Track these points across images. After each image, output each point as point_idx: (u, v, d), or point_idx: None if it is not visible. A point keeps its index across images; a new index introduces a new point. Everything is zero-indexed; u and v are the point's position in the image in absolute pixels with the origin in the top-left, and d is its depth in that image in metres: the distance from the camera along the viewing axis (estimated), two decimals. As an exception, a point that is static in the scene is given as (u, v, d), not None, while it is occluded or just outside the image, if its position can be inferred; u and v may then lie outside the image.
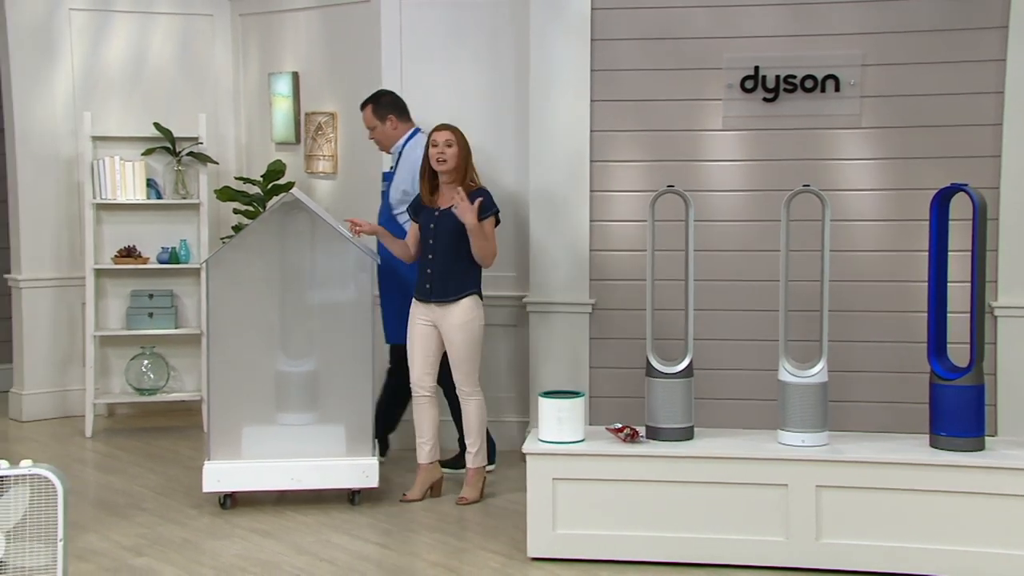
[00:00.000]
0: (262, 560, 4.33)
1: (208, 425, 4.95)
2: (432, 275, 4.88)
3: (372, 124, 5.42)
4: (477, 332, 4.91)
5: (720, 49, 5.35)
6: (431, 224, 4.88)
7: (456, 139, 4.87)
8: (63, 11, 6.48)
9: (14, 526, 3.61)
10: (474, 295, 4.91)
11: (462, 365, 4.90)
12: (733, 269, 5.41)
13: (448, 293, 4.86)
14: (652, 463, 4.22)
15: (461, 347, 4.87)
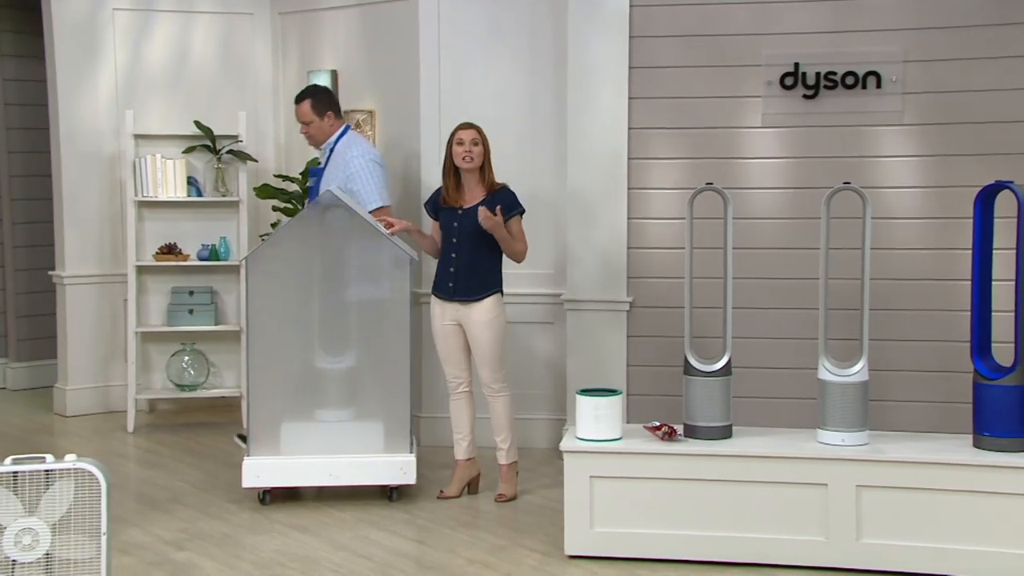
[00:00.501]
0: (301, 556, 4.36)
1: (247, 421, 4.99)
2: (456, 274, 4.90)
3: (309, 119, 5.41)
4: (502, 329, 4.94)
5: (760, 46, 5.31)
6: (454, 223, 4.89)
7: (480, 137, 4.88)
8: (107, 11, 6.55)
9: (59, 519, 3.66)
10: (498, 293, 4.93)
11: (490, 362, 4.91)
12: (772, 267, 5.37)
13: (473, 292, 4.88)
14: (690, 461, 4.20)
15: (487, 345, 4.89)
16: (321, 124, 5.42)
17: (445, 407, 5.22)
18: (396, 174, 6.11)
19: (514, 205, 4.90)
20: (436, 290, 4.99)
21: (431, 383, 5.87)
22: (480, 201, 4.87)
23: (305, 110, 5.42)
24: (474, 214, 4.83)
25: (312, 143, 5.52)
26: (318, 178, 5.44)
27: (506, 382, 4.99)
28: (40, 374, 7.30)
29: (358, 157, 5.30)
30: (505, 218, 4.84)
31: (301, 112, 5.43)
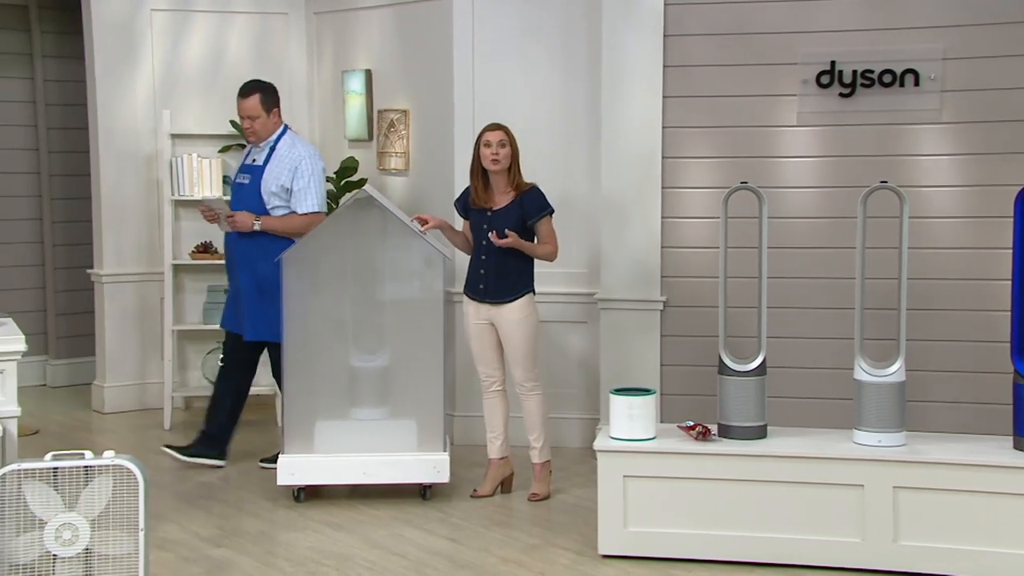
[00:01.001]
0: (335, 553, 4.38)
1: (282, 419, 5.02)
2: (486, 276, 4.89)
3: (256, 114, 5.30)
4: (534, 328, 4.92)
5: (795, 44, 5.27)
6: (483, 224, 4.88)
7: (508, 138, 4.87)
8: (145, 11, 6.61)
9: (98, 515, 3.70)
10: (529, 293, 4.92)
11: (523, 361, 4.90)
12: (808, 266, 5.34)
13: (504, 294, 4.87)
14: (724, 461, 4.18)
15: (520, 344, 4.88)
16: (267, 121, 5.33)
17: (479, 406, 5.22)
18: (429, 173, 6.12)
19: (543, 206, 4.88)
20: (468, 290, 4.99)
21: (464, 382, 5.88)
22: (510, 202, 4.87)
23: (254, 104, 5.29)
24: (503, 216, 4.83)
25: (254, 140, 5.37)
26: (258, 176, 5.32)
27: (539, 381, 4.98)
28: (79, 371, 7.38)
29: (308, 158, 5.31)
30: (531, 222, 4.83)
31: (249, 107, 5.30)
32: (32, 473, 3.68)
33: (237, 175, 5.51)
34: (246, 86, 5.39)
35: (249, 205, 5.33)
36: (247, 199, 5.36)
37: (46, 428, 6.34)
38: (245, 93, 5.35)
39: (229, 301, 5.56)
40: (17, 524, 3.66)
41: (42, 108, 7.33)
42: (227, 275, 5.59)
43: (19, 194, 7.34)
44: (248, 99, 5.32)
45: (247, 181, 5.38)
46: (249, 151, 5.48)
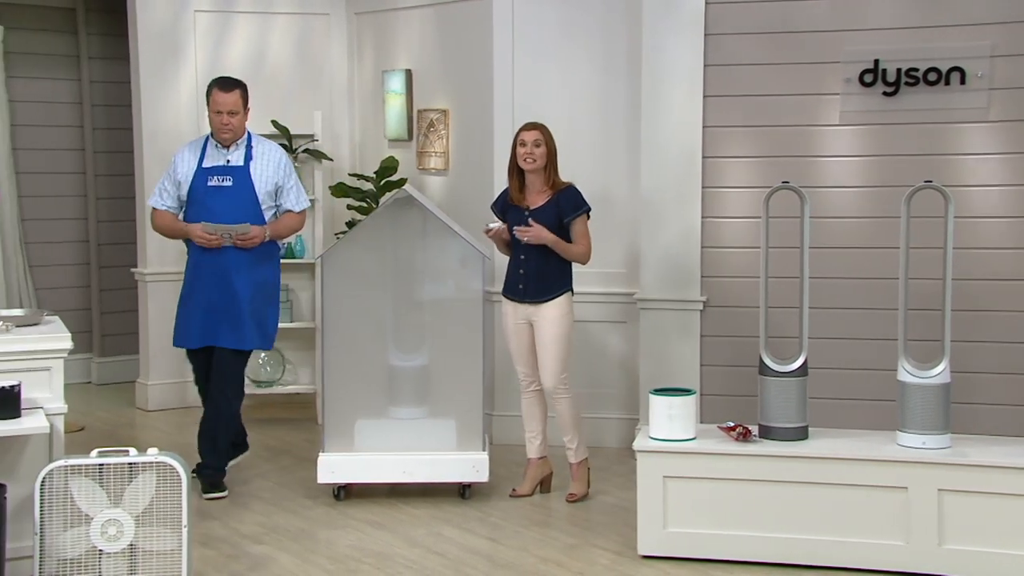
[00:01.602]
0: (375, 551, 4.40)
1: (322, 418, 5.05)
2: (525, 275, 4.88)
3: (238, 109, 5.00)
4: (568, 329, 4.89)
5: (838, 42, 5.22)
6: (521, 224, 4.87)
7: (544, 138, 4.85)
8: (189, 13, 6.68)
9: (142, 511, 3.74)
10: (567, 292, 4.90)
11: (552, 362, 4.87)
12: (850, 266, 5.29)
13: (542, 293, 4.86)
14: (765, 462, 4.16)
15: (552, 344, 4.86)
16: (243, 118, 5.05)
17: (518, 405, 5.22)
18: (469, 172, 6.13)
19: (578, 205, 4.85)
20: (506, 291, 4.98)
21: (504, 381, 5.88)
22: (546, 201, 4.85)
23: (236, 100, 4.99)
24: (541, 214, 4.82)
25: (231, 137, 5.01)
26: (239, 177, 5.00)
27: (567, 384, 4.92)
28: (123, 369, 7.46)
29: (286, 156, 5.19)
30: (567, 220, 4.81)
31: (231, 102, 4.97)
32: (78, 469, 3.73)
33: (206, 177, 5.00)
34: (227, 80, 5.08)
35: (244, 209, 4.98)
36: (240, 203, 4.98)
37: (91, 425, 6.42)
38: (228, 87, 5.02)
39: (194, 316, 5.02)
40: (64, 519, 3.72)
41: (88, 109, 7.43)
42: (196, 289, 5.03)
43: (66, 194, 7.44)
44: (231, 93, 4.99)
45: (230, 183, 4.99)
46: (207, 150, 5.04)
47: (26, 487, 3.81)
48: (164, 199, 5.09)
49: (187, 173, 5.04)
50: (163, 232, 5.22)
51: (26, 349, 3.96)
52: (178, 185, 5.06)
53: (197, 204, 5.01)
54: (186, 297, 5.11)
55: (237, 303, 4.99)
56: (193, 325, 5.04)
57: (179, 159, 5.10)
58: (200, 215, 4.99)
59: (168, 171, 5.14)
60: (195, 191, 5.02)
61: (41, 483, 3.69)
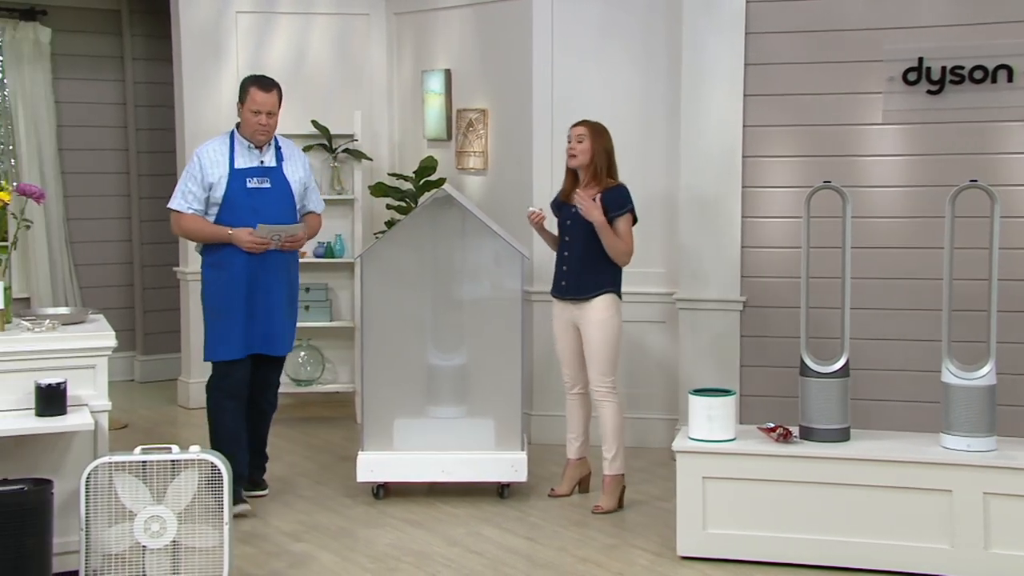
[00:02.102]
0: (414, 550, 4.41)
1: (362, 417, 5.07)
2: (568, 272, 4.84)
3: (276, 110, 4.85)
4: (614, 331, 4.81)
5: (881, 40, 5.17)
6: (567, 220, 4.85)
7: (589, 134, 4.80)
8: (230, 14, 6.73)
9: (185, 508, 3.78)
10: (611, 293, 4.82)
11: (598, 365, 4.81)
12: (893, 266, 5.24)
13: (583, 290, 4.81)
14: (806, 464, 4.12)
15: (597, 346, 4.81)
16: (277, 118, 4.89)
17: (556, 405, 5.22)
18: (508, 172, 6.13)
19: (622, 204, 4.78)
20: (553, 290, 4.95)
21: (543, 381, 5.88)
22: (593, 198, 4.77)
23: (275, 99, 4.83)
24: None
25: (266, 139, 4.85)
26: (276, 178, 4.84)
27: (615, 388, 4.86)
28: (166, 367, 7.54)
29: (307, 157, 5.13)
30: (610, 217, 4.74)
31: (271, 102, 4.81)
32: (122, 466, 3.78)
33: (243, 179, 4.80)
34: (266, 80, 4.89)
35: (285, 211, 4.85)
36: (281, 205, 4.84)
37: (134, 423, 6.49)
38: (268, 87, 4.84)
39: (238, 325, 4.79)
40: (109, 515, 3.76)
41: (132, 109, 7.52)
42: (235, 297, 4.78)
43: (110, 193, 7.54)
44: (271, 94, 4.82)
45: (268, 185, 4.82)
46: (236, 151, 4.82)
47: (72, 483, 3.85)
48: (190, 202, 4.77)
49: (219, 175, 4.77)
50: (192, 236, 4.90)
51: (72, 347, 4.00)
52: (208, 188, 4.77)
53: (238, 207, 4.77)
54: (223, 306, 4.80)
55: (280, 307, 4.89)
56: (237, 334, 4.80)
57: (205, 160, 4.77)
58: (244, 218, 4.75)
59: (190, 172, 4.79)
60: (233, 194, 4.77)
61: (86, 479, 3.75)
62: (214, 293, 4.83)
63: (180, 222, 4.83)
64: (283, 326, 4.93)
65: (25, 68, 7.05)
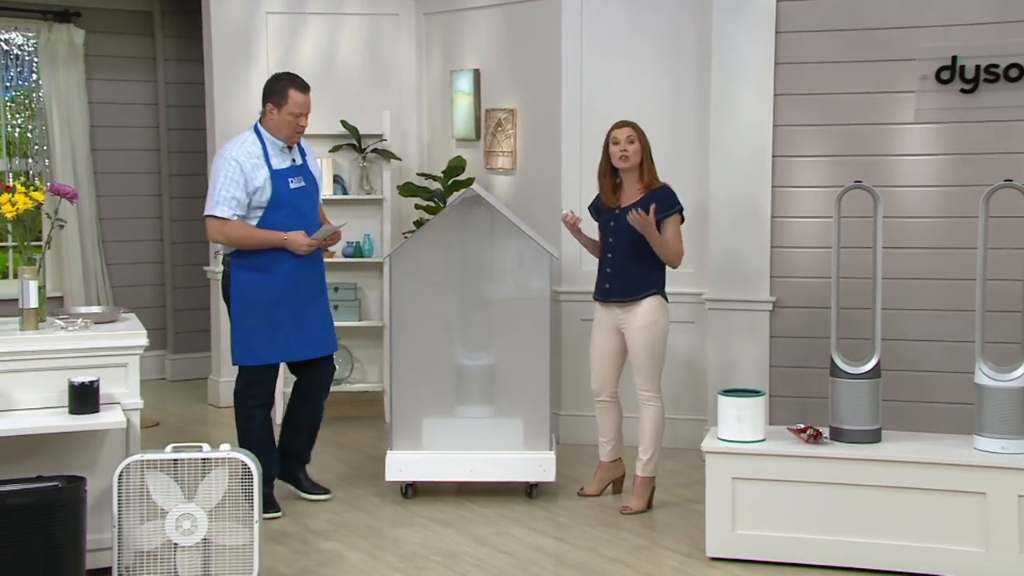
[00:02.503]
0: (443, 550, 4.41)
1: (390, 416, 5.08)
2: (612, 275, 4.80)
3: (310, 111, 4.84)
4: (660, 334, 4.77)
5: (914, 39, 5.13)
6: (611, 223, 4.81)
7: (637, 135, 4.78)
8: (261, 15, 6.76)
9: (215, 506, 3.80)
10: (657, 295, 4.78)
11: (643, 368, 4.79)
12: (925, 266, 5.19)
13: (629, 293, 4.77)
14: (837, 465, 4.10)
15: (642, 349, 4.77)
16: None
17: (586, 405, 5.21)
18: (536, 172, 6.13)
19: (672, 204, 4.74)
20: (596, 293, 4.89)
21: (571, 381, 5.87)
22: (637, 200, 4.75)
23: (310, 101, 4.82)
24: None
25: (298, 139, 4.83)
26: (307, 177, 4.84)
27: (659, 392, 4.83)
28: (196, 366, 7.59)
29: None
30: (659, 218, 4.69)
31: (310, 102, 4.81)
32: (154, 464, 3.81)
33: (285, 179, 4.76)
34: (302, 80, 4.83)
35: (316, 208, 4.90)
36: (315, 202, 4.88)
37: (165, 421, 6.54)
38: (307, 88, 4.81)
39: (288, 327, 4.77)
40: (141, 513, 3.79)
41: (163, 110, 7.57)
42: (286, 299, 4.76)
43: (141, 193, 7.59)
44: (308, 95, 4.80)
45: (304, 183, 4.81)
46: (269, 151, 4.74)
47: (104, 480, 3.88)
48: (233, 208, 4.66)
49: (263, 178, 4.69)
50: (240, 243, 4.71)
51: (104, 346, 4.03)
52: (254, 192, 4.68)
53: (285, 208, 4.72)
54: (267, 310, 4.73)
55: (328, 306, 4.93)
56: (281, 339, 4.76)
57: (247, 165, 4.68)
58: (291, 219, 4.72)
59: (231, 178, 4.66)
60: (280, 195, 4.71)
61: (119, 477, 3.77)
62: (257, 296, 4.74)
63: (225, 229, 4.69)
64: (332, 323, 4.98)
65: (59, 69, 7.12)
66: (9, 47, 7.03)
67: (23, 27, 7.07)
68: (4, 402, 3.87)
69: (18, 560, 3.58)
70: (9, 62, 7.04)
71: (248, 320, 4.76)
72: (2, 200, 4.15)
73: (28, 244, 4.21)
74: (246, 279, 4.75)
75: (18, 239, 4.23)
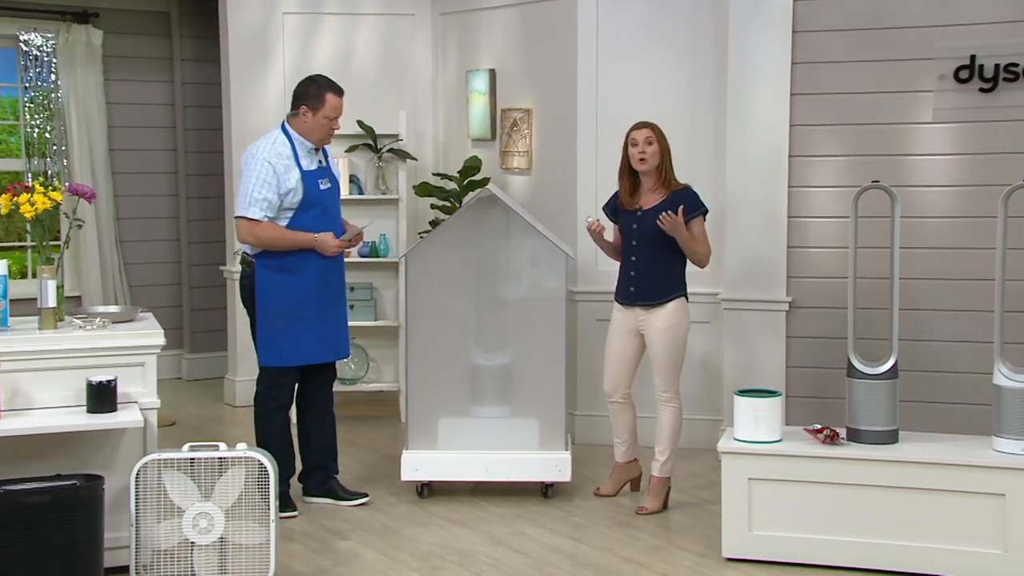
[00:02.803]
0: (458, 549, 4.41)
1: (406, 416, 5.08)
2: (636, 278, 4.77)
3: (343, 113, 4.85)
4: (681, 336, 4.76)
5: (932, 38, 5.10)
6: (633, 225, 4.78)
7: (656, 136, 4.75)
8: (277, 15, 6.77)
9: (232, 505, 3.81)
10: (681, 298, 4.77)
11: (663, 370, 4.77)
12: (942, 267, 5.17)
13: (654, 296, 4.74)
14: (854, 466, 4.08)
15: (663, 351, 4.76)
16: None
17: (602, 405, 5.19)
18: (552, 172, 6.12)
19: (697, 206, 4.71)
20: (618, 296, 4.86)
21: (587, 381, 5.86)
22: (661, 201, 4.72)
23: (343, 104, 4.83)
24: (652, 216, 4.67)
25: (329, 141, 4.87)
26: (332, 179, 4.87)
27: (678, 394, 4.81)
28: (213, 365, 7.61)
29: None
30: (687, 219, 4.65)
31: (343, 107, 4.83)
32: (171, 463, 3.82)
33: (315, 180, 4.77)
34: (336, 84, 4.85)
35: (339, 209, 4.92)
36: (338, 203, 4.91)
37: (181, 420, 6.56)
38: (341, 92, 4.83)
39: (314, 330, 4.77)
40: (158, 511, 3.80)
41: (180, 110, 7.60)
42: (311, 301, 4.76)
43: (159, 193, 7.62)
44: (343, 98, 4.83)
45: (330, 185, 4.84)
46: (298, 152, 4.74)
47: (122, 479, 3.90)
48: (264, 209, 4.64)
49: (295, 179, 4.68)
50: (270, 244, 4.68)
51: (122, 345, 4.05)
52: (286, 194, 4.66)
53: (315, 208, 4.72)
54: (294, 311, 4.73)
55: (346, 310, 4.96)
56: (306, 340, 4.75)
57: (279, 167, 4.66)
58: (321, 220, 4.72)
59: (262, 179, 4.64)
60: (311, 196, 4.71)
61: (136, 476, 3.78)
62: (282, 298, 4.72)
63: (255, 231, 4.66)
64: (347, 328, 4.99)
65: (78, 70, 7.15)
66: (28, 48, 7.07)
67: (42, 28, 7.10)
68: (23, 401, 3.90)
69: (37, 558, 3.60)
70: (28, 63, 7.08)
71: (274, 321, 4.76)
72: (21, 200, 4.18)
73: (47, 244, 4.24)
74: (272, 280, 4.74)
75: (37, 239, 4.25)
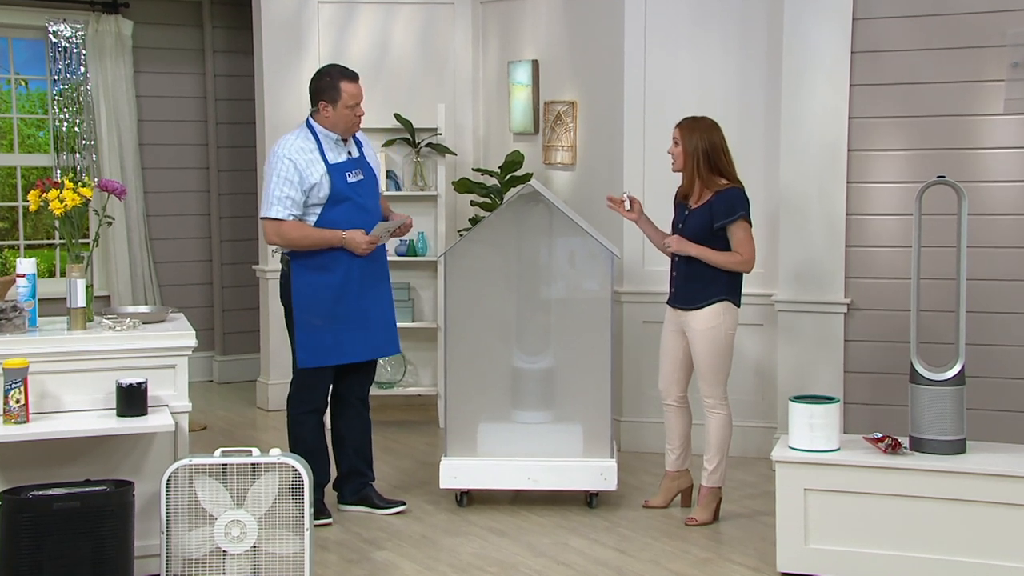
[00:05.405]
0: (499, 560, 4.28)
1: (445, 421, 4.94)
2: (677, 278, 4.66)
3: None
4: (722, 340, 4.58)
5: (1003, 23, 4.91)
6: (678, 224, 4.67)
7: (681, 136, 4.58)
8: (312, 4, 6.65)
9: (265, 512, 3.69)
10: (723, 301, 4.57)
11: (705, 375, 4.62)
12: (1013, 267, 4.98)
13: (692, 300, 4.60)
14: (917, 477, 3.93)
15: (703, 355, 4.60)
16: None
17: (648, 411, 5.06)
18: (597, 168, 5.96)
19: (732, 210, 4.51)
20: (668, 297, 4.76)
21: (633, 385, 5.71)
22: (704, 203, 4.56)
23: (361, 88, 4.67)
24: (695, 216, 4.56)
25: (356, 129, 4.69)
26: (366, 169, 4.69)
27: (724, 399, 4.65)
28: (245, 368, 7.48)
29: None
30: (717, 226, 4.51)
31: (361, 90, 4.65)
32: (203, 469, 3.72)
33: (342, 173, 4.61)
34: (349, 70, 4.67)
35: (377, 200, 4.73)
36: (375, 195, 4.72)
37: (213, 424, 6.45)
38: (355, 77, 4.65)
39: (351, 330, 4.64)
40: (189, 518, 3.71)
41: (212, 103, 7.48)
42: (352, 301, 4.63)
43: (190, 189, 7.50)
44: (359, 83, 4.64)
45: (362, 176, 4.66)
46: (323, 145, 4.59)
47: (152, 485, 3.82)
48: (289, 208, 4.51)
49: (319, 174, 4.54)
50: (297, 244, 4.55)
51: (152, 346, 3.98)
52: (310, 190, 4.53)
53: (345, 203, 4.56)
54: (330, 311, 4.60)
55: (391, 305, 4.77)
56: (343, 340, 4.62)
57: (301, 162, 4.52)
58: (351, 215, 4.56)
59: (284, 177, 4.51)
60: (339, 190, 4.55)
61: (167, 481, 3.70)
62: (318, 297, 4.59)
63: (281, 231, 4.52)
64: (394, 324, 4.82)
65: (107, 62, 7.05)
66: (57, 39, 6.97)
67: (71, 18, 7.01)
68: (51, 403, 3.84)
69: (66, 566, 3.53)
70: (57, 55, 6.98)
71: (311, 321, 4.61)
72: (51, 196, 4.11)
73: (76, 241, 4.15)
74: (307, 279, 4.60)
75: (66, 236, 4.16)
